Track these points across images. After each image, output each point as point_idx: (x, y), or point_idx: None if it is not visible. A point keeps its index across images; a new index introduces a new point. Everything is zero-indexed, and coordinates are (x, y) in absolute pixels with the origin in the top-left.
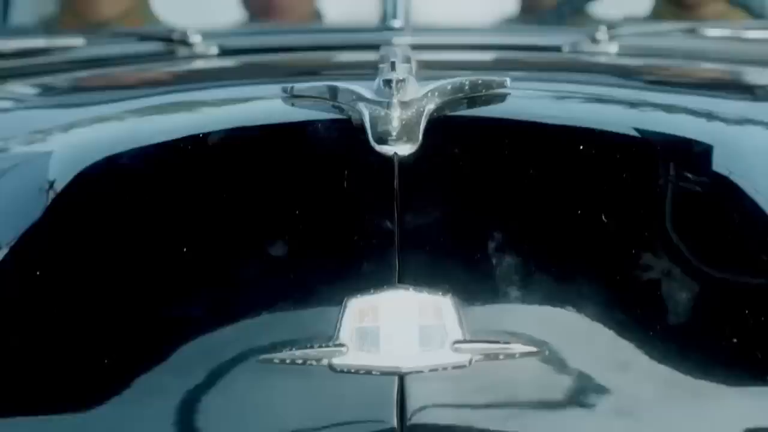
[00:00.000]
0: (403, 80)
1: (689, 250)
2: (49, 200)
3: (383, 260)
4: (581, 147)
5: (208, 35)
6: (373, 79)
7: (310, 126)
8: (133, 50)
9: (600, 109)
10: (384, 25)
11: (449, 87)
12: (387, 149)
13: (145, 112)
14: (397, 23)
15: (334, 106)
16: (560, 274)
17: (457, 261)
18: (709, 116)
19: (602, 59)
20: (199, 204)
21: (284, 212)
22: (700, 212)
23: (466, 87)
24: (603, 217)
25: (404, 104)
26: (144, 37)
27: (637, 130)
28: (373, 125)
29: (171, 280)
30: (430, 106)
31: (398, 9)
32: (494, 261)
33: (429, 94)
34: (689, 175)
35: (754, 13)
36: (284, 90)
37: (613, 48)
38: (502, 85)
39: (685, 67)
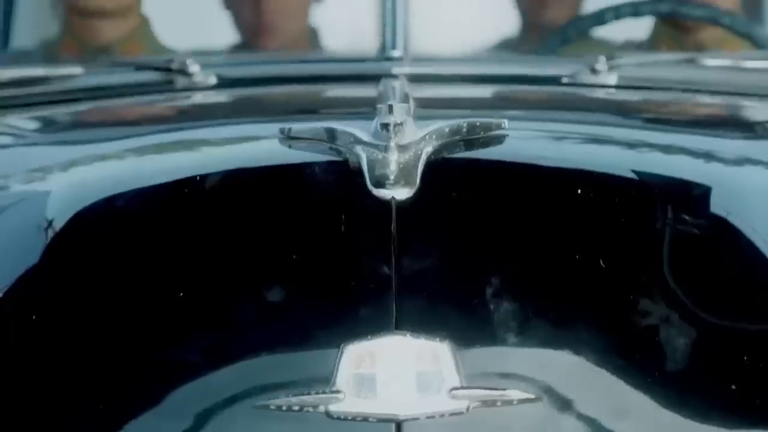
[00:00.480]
0: (400, 124)
1: (688, 294)
2: (48, 240)
3: (380, 305)
4: (579, 190)
5: (206, 65)
6: (372, 119)
7: (307, 169)
8: (132, 79)
9: (597, 151)
10: (383, 55)
11: (447, 130)
12: (384, 193)
13: (145, 151)
14: (396, 53)
15: (331, 148)
16: (558, 319)
17: (455, 306)
18: (708, 156)
19: (601, 94)
20: (195, 246)
21: (281, 256)
22: (699, 255)
23: (464, 129)
24: (601, 261)
25: (402, 147)
26: (143, 67)
27: (634, 172)
28: (371, 169)
29: (168, 323)
30: (428, 149)
31: (397, 39)
32: (492, 306)
33: (427, 137)
34: (687, 218)
35: (753, 38)
36: (282, 131)
37: (612, 79)
38: (499, 127)
39: (684, 101)
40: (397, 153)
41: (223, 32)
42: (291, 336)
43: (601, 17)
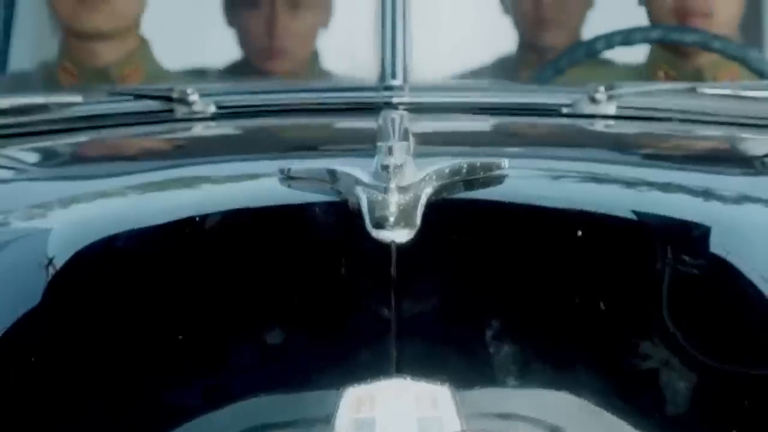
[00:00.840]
0: (400, 165)
1: (688, 336)
2: (48, 279)
3: (380, 348)
4: (578, 232)
5: (205, 93)
6: (372, 155)
7: (307, 209)
8: (132, 108)
9: (596, 191)
10: (383, 84)
11: (447, 170)
12: (384, 235)
13: (145, 188)
14: (395, 82)
15: (331, 189)
16: (559, 361)
17: (455, 349)
18: (707, 194)
19: (600, 126)
20: (195, 287)
21: (281, 297)
22: (699, 297)
23: (464, 170)
24: (601, 303)
25: (402, 189)
26: (143, 96)
27: (633, 212)
28: (371, 210)
29: (167, 364)
30: (428, 191)
31: (397, 68)
32: (492, 349)
33: (427, 178)
34: (687, 259)
35: (747, 62)
36: (282, 171)
37: (611, 108)
38: (499, 167)
39: (683, 134)
40: (397, 194)
41: (224, 53)
42: (290, 378)
43: (593, 47)
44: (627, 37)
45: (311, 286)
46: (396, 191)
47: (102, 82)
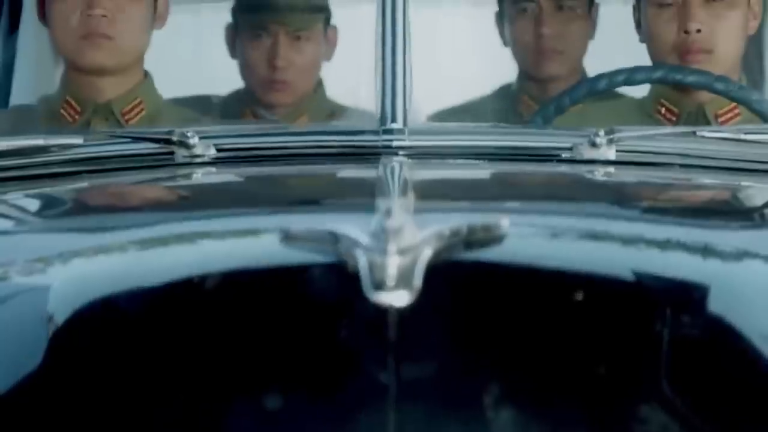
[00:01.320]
0: (399, 228)
1: (688, 399)
2: (47, 336)
3: (379, 414)
4: (577, 295)
5: (205, 135)
6: (372, 211)
7: (305, 272)
8: (132, 150)
9: (596, 250)
10: (383, 128)
11: (447, 232)
12: (383, 298)
13: (145, 244)
14: (396, 125)
15: (330, 250)
16: (559, 427)
17: (455, 415)
18: (706, 252)
19: (600, 174)
20: (192, 349)
21: (279, 361)
22: (698, 359)
23: (464, 231)
24: (601, 367)
25: (401, 251)
26: (143, 138)
27: (633, 273)
28: (369, 273)
29: (165, 425)
30: (428, 253)
31: (397, 111)
32: (492, 415)
33: (426, 240)
34: (686, 320)
35: (748, 104)
36: (281, 231)
37: (611, 153)
38: (499, 228)
39: (683, 183)
40: (396, 257)
41: (226, 86)
42: None
43: (594, 86)
44: (629, 77)
45: (309, 349)
46: (395, 254)
47: (104, 116)
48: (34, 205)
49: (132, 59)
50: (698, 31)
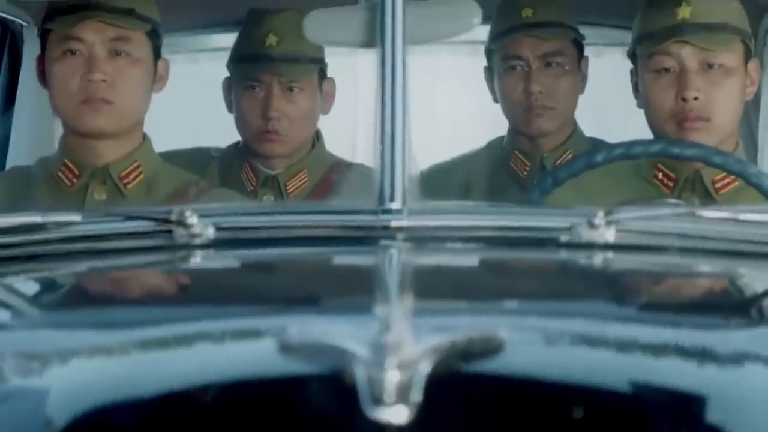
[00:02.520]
0: (399, 342)
1: None
2: None
3: None
4: (575, 405)
5: (204, 214)
6: (371, 312)
7: (303, 384)
8: (131, 227)
9: (593, 358)
10: (381, 208)
11: (446, 344)
12: (381, 414)
13: (143, 346)
14: (394, 205)
15: (328, 363)
16: None
17: None
18: (703, 356)
19: (599, 263)
20: None
21: None
22: None
23: (463, 343)
24: None
25: (400, 365)
26: (142, 217)
27: (629, 382)
28: (368, 388)
29: None
30: (427, 367)
31: (396, 191)
32: None
33: (425, 354)
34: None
35: (745, 177)
36: (279, 341)
37: (610, 234)
38: (497, 339)
39: (682, 270)
40: (395, 372)
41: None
42: None
43: (592, 160)
44: (627, 151)
45: None
46: (394, 368)
47: (101, 180)
48: (30, 292)
49: (131, 123)
50: (696, 98)
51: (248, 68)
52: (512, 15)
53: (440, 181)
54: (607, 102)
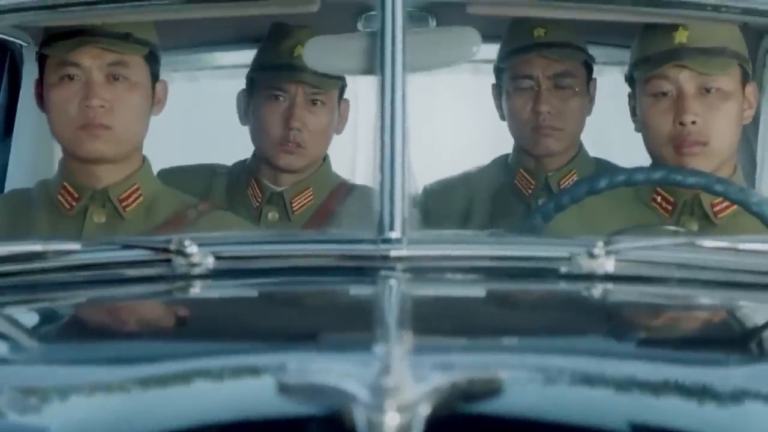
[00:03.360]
0: (398, 385)
1: None
2: None
3: None
4: None
5: (204, 243)
6: (369, 353)
7: (303, 426)
8: (130, 256)
9: (591, 398)
10: (381, 237)
11: (446, 387)
12: None
13: (143, 384)
14: (394, 235)
15: (327, 404)
16: None
17: None
18: (702, 394)
19: (597, 296)
20: None
21: None
22: None
23: (463, 385)
24: None
25: (400, 408)
26: (141, 246)
27: (629, 422)
28: (368, 431)
29: None
30: (426, 409)
31: (395, 220)
32: None
33: (425, 396)
34: None
35: (746, 206)
36: (279, 381)
37: (609, 264)
38: (497, 380)
39: (681, 303)
40: (394, 414)
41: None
42: None
43: (594, 186)
44: (629, 178)
45: None
46: (393, 411)
47: (101, 203)
48: (29, 324)
49: (131, 147)
50: (694, 122)
51: (273, 77)
52: (524, 34)
53: (444, 198)
54: (609, 121)
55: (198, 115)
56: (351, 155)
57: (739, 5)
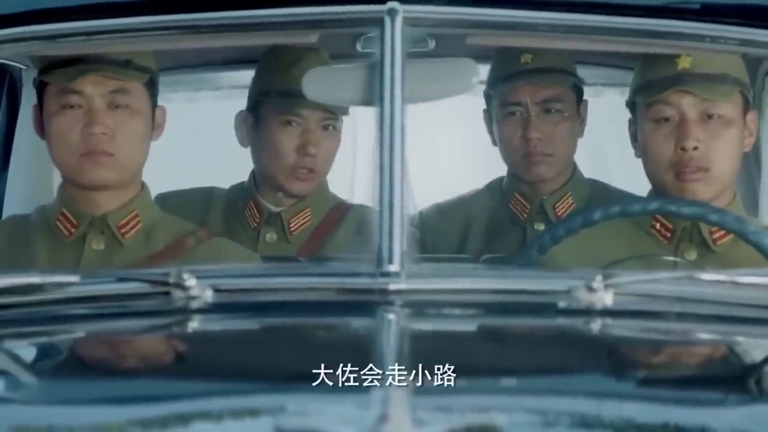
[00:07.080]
0: None
1: None
2: None
3: None
4: None
5: (202, 276)
6: (367, 397)
7: None
8: (129, 289)
9: None
10: (379, 271)
11: None
12: None
13: (141, 426)
14: (393, 268)
15: None
16: None
17: None
18: None
19: (595, 332)
20: None
21: None
22: None
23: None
24: None
25: None
26: (139, 279)
27: None
28: None
29: None
30: None
31: (394, 254)
32: None
33: None
34: None
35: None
36: (277, 425)
37: (608, 298)
38: (496, 426)
39: (680, 339)
40: None
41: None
42: None
43: (590, 217)
44: (625, 209)
45: None
46: None
47: (99, 229)
48: (27, 360)
49: (132, 174)
50: (695, 148)
51: (286, 103)
52: (511, 61)
53: (440, 223)
54: (607, 142)
55: (194, 135)
56: (349, 182)
57: (737, 36)
